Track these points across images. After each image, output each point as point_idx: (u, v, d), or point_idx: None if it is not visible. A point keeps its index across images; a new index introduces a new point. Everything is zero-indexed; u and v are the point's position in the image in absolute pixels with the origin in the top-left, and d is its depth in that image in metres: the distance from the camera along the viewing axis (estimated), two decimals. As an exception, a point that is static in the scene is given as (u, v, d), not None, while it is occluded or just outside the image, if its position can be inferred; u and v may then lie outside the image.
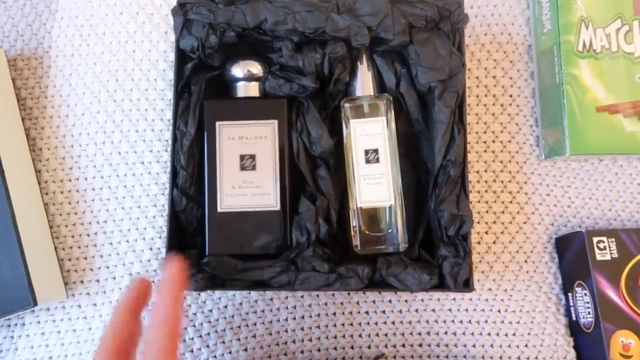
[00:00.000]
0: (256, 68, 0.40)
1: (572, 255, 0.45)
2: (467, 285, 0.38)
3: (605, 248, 0.43)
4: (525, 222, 0.47)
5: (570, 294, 0.45)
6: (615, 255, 0.43)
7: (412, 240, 0.41)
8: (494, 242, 0.47)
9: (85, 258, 0.45)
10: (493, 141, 0.48)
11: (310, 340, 0.44)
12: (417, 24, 0.39)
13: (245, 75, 0.40)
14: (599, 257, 0.43)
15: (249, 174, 0.38)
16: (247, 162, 0.38)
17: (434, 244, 0.40)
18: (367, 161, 0.38)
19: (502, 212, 0.47)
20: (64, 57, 0.49)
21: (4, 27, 0.50)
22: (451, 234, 0.38)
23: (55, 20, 0.50)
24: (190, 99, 0.39)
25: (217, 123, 0.38)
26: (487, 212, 0.47)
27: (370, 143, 0.38)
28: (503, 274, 0.46)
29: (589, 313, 0.43)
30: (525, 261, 0.46)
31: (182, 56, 0.40)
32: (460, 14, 0.39)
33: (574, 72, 0.44)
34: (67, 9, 0.50)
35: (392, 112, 0.40)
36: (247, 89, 0.40)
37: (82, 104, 0.48)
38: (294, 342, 0.44)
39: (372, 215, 0.40)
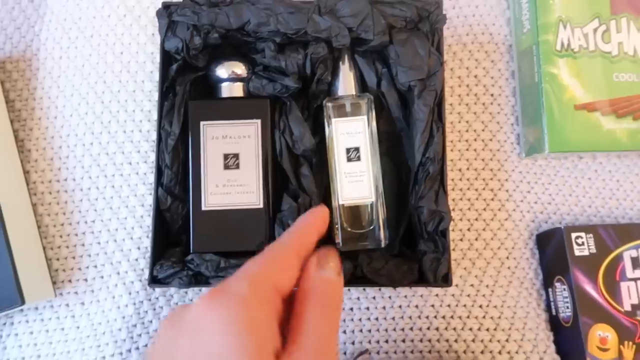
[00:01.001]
0: (240, 69, 0.41)
1: (552, 251, 0.46)
2: (446, 280, 0.39)
3: (583, 244, 0.44)
4: (506, 219, 0.48)
5: (550, 289, 0.46)
6: (594, 250, 0.44)
7: (393, 236, 0.42)
8: (476, 239, 0.47)
9: (74, 257, 0.46)
10: (475, 139, 0.49)
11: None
12: (396, 25, 0.40)
13: (230, 76, 0.41)
14: (577, 253, 0.44)
15: (232, 172, 0.39)
16: (231, 161, 0.38)
17: (415, 240, 0.40)
18: (349, 159, 0.39)
19: (484, 209, 0.48)
20: (52, 60, 0.49)
21: (-7, 30, 0.50)
22: (430, 229, 0.39)
23: (43, 23, 0.50)
24: (175, 100, 0.40)
25: (201, 123, 0.39)
26: (469, 209, 0.48)
27: (352, 141, 0.39)
28: (485, 269, 0.47)
29: (567, 307, 0.44)
30: (507, 257, 0.47)
31: (167, 57, 0.41)
32: (439, 15, 0.40)
33: (553, 71, 0.45)
34: (56, 12, 0.50)
35: (374, 111, 0.41)
36: (232, 89, 0.41)
37: (70, 105, 0.48)
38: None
39: (354, 213, 0.40)
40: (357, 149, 0.39)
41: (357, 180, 0.39)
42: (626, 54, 0.46)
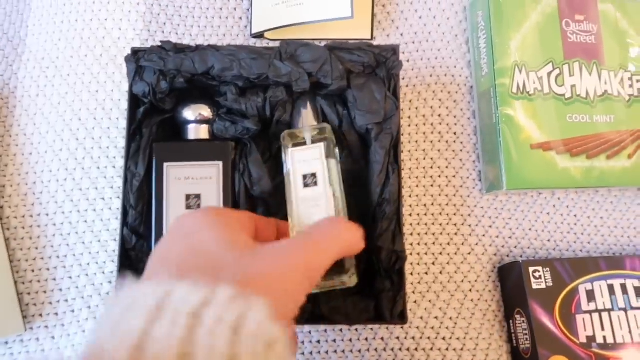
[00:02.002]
0: (205, 111, 0.43)
1: (512, 284, 0.47)
2: (402, 317, 0.40)
3: (540, 277, 0.45)
4: (469, 253, 0.49)
5: (511, 321, 0.47)
6: (550, 284, 0.45)
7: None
8: (440, 272, 0.49)
9: (45, 292, 0.47)
10: (439, 176, 0.51)
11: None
12: (355, 70, 0.42)
13: (196, 118, 0.42)
14: (534, 286, 0.45)
15: (193, 212, 0.40)
16: (193, 202, 0.40)
17: (374, 277, 0.42)
18: (305, 185, 0.37)
19: (448, 243, 0.49)
20: (29, 98, 0.51)
21: (-28, 69, 0.52)
22: (387, 267, 0.40)
23: (22, 62, 0.52)
24: (141, 142, 0.41)
25: (165, 164, 0.40)
26: (433, 243, 0.49)
27: (308, 168, 0.38)
28: (449, 302, 0.48)
29: (526, 339, 0.45)
30: (470, 290, 0.49)
31: (135, 101, 0.43)
32: (395, 61, 0.42)
33: (509, 113, 0.47)
34: (34, 51, 0.52)
35: (334, 140, 0.40)
36: (198, 131, 0.43)
37: (46, 142, 0.50)
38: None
39: None
40: (314, 175, 0.38)
41: (314, 205, 0.37)
42: (579, 96, 0.48)
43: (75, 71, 0.51)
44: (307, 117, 0.42)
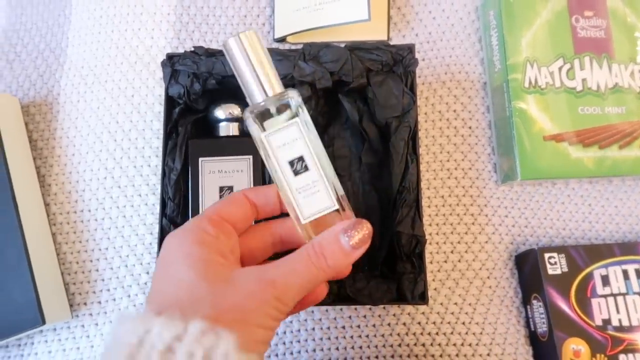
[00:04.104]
0: (235, 110, 0.46)
1: (528, 271, 0.49)
2: (422, 298, 0.42)
3: (556, 263, 0.47)
4: (486, 242, 0.51)
5: (528, 306, 0.49)
6: (566, 269, 0.47)
7: (376, 258, 0.46)
8: (459, 261, 0.51)
9: (89, 282, 0.51)
10: (455, 168, 0.53)
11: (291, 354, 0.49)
12: (373, 68, 0.45)
13: (226, 117, 0.46)
14: (550, 272, 0.47)
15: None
16: (226, 193, 0.43)
17: (395, 261, 0.44)
18: (296, 173, 0.33)
19: (466, 232, 0.52)
20: (70, 103, 0.55)
21: (19, 78, 0.56)
22: (408, 252, 0.42)
23: (63, 70, 0.56)
24: (177, 139, 0.45)
25: (200, 159, 0.44)
26: (452, 233, 0.52)
27: (292, 152, 0.32)
28: (468, 289, 0.50)
29: (543, 323, 0.47)
30: (488, 277, 0.51)
31: (170, 102, 0.46)
32: (411, 59, 0.45)
33: (522, 106, 0.50)
34: (74, 60, 0.56)
35: (303, 107, 0.34)
36: (229, 128, 0.46)
37: (87, 143, 0.54)
38: (276, 355, 0.49)
39: (320, 226, 0.34)
40: (301, 158, 0.33)
41: (313, 193, 0.33)
42: (590, 89, 0.50)
43: (112, 78, 0.55)
44: (266, 82, 0.33)
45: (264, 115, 0.33)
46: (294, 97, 0.33)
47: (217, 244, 0.31)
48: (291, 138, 0.32)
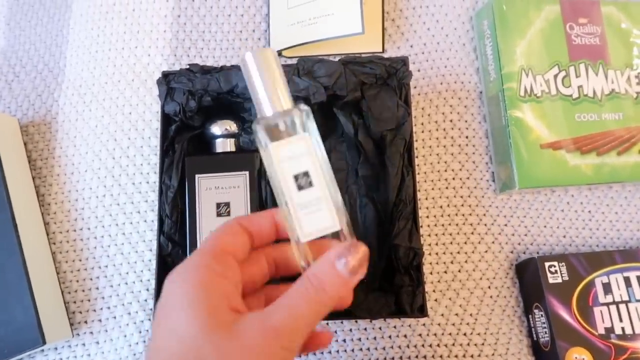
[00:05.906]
0: (231, 126, 0.46)
1: (529, 280, 0.49)
2: (421, 311, 0.42)
3: (556, 272, 0.47)
4: (486, 251, 0.51)
5: (530, 316, 0.49)
6: (566, 278, 0.47)
7: (374, 271, 0.45)
8: (459, 271, 0.51)
9: (89, 300, 0.51)
10: (453, 178, 0.53)
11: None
12: (367, 81, 0.45)
13: (222, 133, 0.46)
14: (551, 281, 0.47)
15: (224, 219, 0.43)
16: (223, 209, 0.43)
17: (393, 274, 0.44)
18: (300, 187, 0.32)
19: (465, 242, 0.51)
20: (69, 122, 0.55)
21: (18, 98, 0.57)
22: (406, 264, 0.42)
23: (61, 90, 0.57)
24: (174, 156, 0.45)
25: (196, 176, 0.44)
26: (451, 243, 0.51)
27: (298, 166, 0.32)
28: (469, 299, 0.50)
29: (545, 333, 0.47)
30: (489, 287, 0.50)
31: (166, 119, 0.46)
32: (405, 71, 0.45)
33: (518, 115, 0.50)
34: (72, 79, 0.57)
35: (314, 123, 0.33)
36: (225, 145, 0.46)
37: (85, 162, 0.54)
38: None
39: (320, 249, 0.32)
40: (306, 174, 0.32)
41: (315, 210, 0.31)
42: (586, 96, 0.50)
43: (109, 96, 0.56)
44: (275, 97, 0.32)
45: (272, 129, 0.32)
46: (305, 113, 0.33)
47: (223, 284, 0.29)
48: (299, 152, 0.32)
